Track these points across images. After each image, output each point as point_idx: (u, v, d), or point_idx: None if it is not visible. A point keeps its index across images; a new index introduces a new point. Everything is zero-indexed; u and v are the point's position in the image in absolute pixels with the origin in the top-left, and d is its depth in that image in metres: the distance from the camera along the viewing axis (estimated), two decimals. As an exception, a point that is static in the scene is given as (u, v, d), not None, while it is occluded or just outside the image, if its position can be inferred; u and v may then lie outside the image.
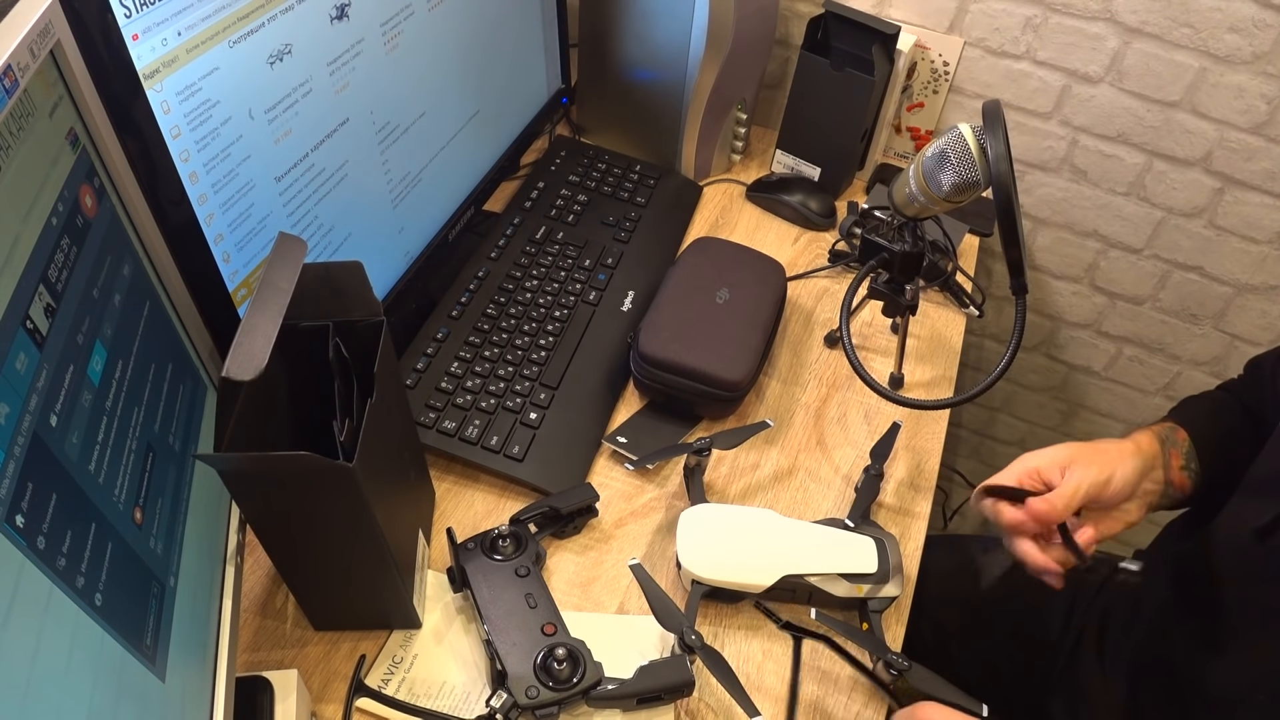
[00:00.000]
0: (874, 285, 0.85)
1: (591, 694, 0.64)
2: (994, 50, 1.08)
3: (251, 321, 0.50)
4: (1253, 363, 0.82)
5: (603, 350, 0.89)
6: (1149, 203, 1.13)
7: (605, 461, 0.83)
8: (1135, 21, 1.00)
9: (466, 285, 0.92)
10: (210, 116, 0.58)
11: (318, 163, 0.70)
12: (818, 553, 0.72)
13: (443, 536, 0.73)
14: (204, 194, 0.59)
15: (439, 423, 0.80)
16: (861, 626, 0.72)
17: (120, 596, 0.44)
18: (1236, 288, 1.16)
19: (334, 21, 0.67)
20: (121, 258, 0.51)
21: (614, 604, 0.73)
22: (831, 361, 0.94)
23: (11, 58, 0.40)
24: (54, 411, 0.41)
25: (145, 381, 0.52)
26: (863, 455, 0.85)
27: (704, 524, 0.73)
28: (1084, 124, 1.09)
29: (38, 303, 0.41)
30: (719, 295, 0.88)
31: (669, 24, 1.01)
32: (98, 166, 0.50)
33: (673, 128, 1.09)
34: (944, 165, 0.72)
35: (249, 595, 0.71)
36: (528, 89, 1.06)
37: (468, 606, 0.71)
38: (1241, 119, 1.02)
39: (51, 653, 0.38)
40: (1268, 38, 0.96)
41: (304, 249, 0.55)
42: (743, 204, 1.12)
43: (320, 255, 0.73)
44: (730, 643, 0.72)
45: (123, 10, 0.50)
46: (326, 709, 0.65)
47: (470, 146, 0.94)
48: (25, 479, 0.38)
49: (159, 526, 0.51)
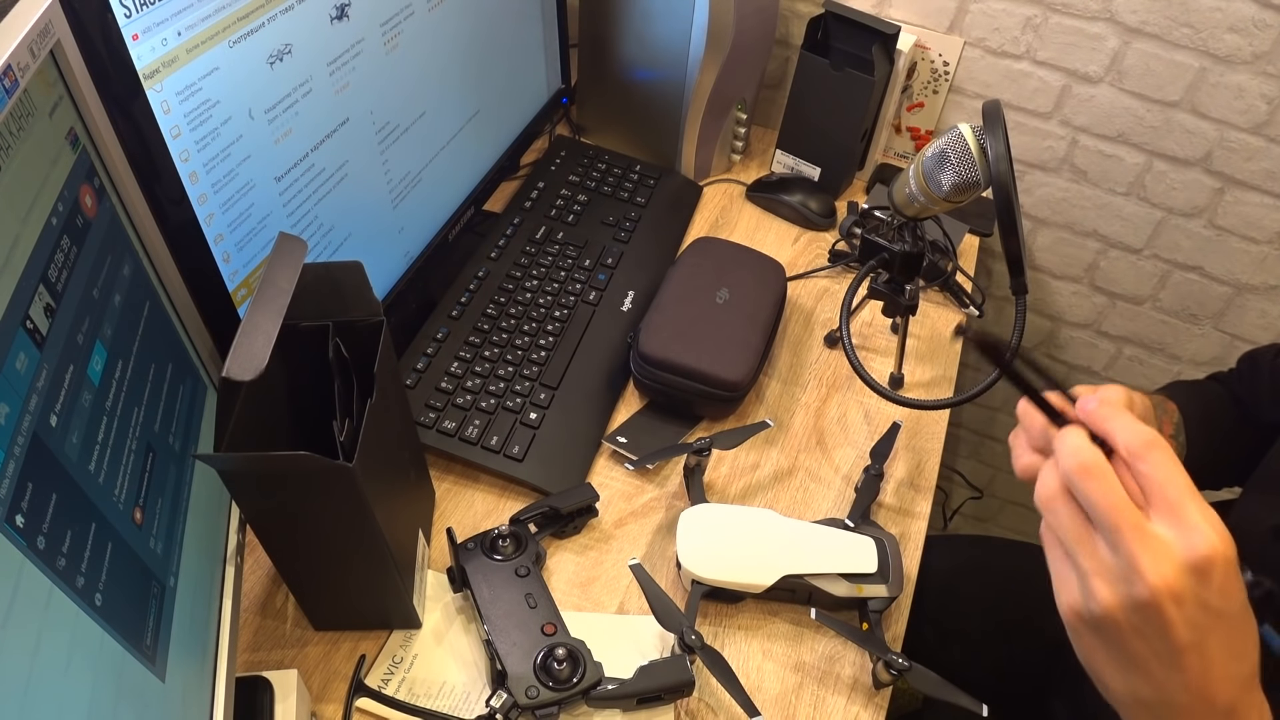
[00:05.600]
0: (874, 285, 0.85)
1: (591, 694, 0.64)
2: (994, 50, 1.08)
3: (251, 321, 0.50)
4: (1247, 356, 0.82)
5: (603, 350, 0.89)
6: (1149, 203, 1.13)
7: (605, 461, 0.83)
8: (1135, 21, 1.00)
9: (466, 285, 0.92)
10: (210, 116, 0.58)
11: (318, 163, 0.70)
12: (818, 553, 0.72)
13: (443, 536, 0.73)
14: (204, 194, 0.59)
15: (439, 423, 0.80)
16: (861, 626, 0.72)
17: (120, 596, 0.44)
18: (1236, 288, 1.16)
19: (334, 21, 0.67)
20: (121, 258, 0.51)
21: (614, 604, 0.73)
22: (831, 361, 0.94)
23: (11, 58, 0.40)
24: (54, 411, 0.41)
25: (145, 381, 0.52)
26: (863, 455, 0.85)
27: (704, 524, 0.73)
28: (1084, 124, 1.09)
29: (38, 303, 0.41)
30: (719, 295, 0.88)
31: (669, 24, 1.01)
32: (98, 166, 0.50)
33: (673, 128, 1.09)
34: (944, 165, 0.72)
35: (249, 595, 0.70)
36: (528, 89, 1.06)
37: (468, 606, 0.71)
38: (1241, 119, 1.02)
39: (51, 653, 0.38)
40: (1268, 38, 0.96)
41: (304, 249, 0.55)
42: (743, 204, 1.12)
43: (320, 255, 0.73)
44: (730, 643, 0.72)
45: (123, 10, 0.50)
46: (326, 709, 0.65)
47: (470, 146, 0.94)
48: (25, 479, 0.38)
49: (159, 526, 0.51)
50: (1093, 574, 0.41)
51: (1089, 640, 0.43)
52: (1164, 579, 0.39)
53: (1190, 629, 0.40)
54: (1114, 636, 0.42)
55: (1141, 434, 0.42)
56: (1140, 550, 0.39)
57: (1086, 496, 0.42)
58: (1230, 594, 0.40)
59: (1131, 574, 0.40)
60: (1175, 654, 0.40)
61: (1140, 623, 0.40)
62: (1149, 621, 0.40)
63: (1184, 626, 0.40)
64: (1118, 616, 0.41)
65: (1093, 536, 0.42)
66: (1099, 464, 0.42)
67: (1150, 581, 0.39)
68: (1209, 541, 0.39)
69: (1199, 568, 0.39)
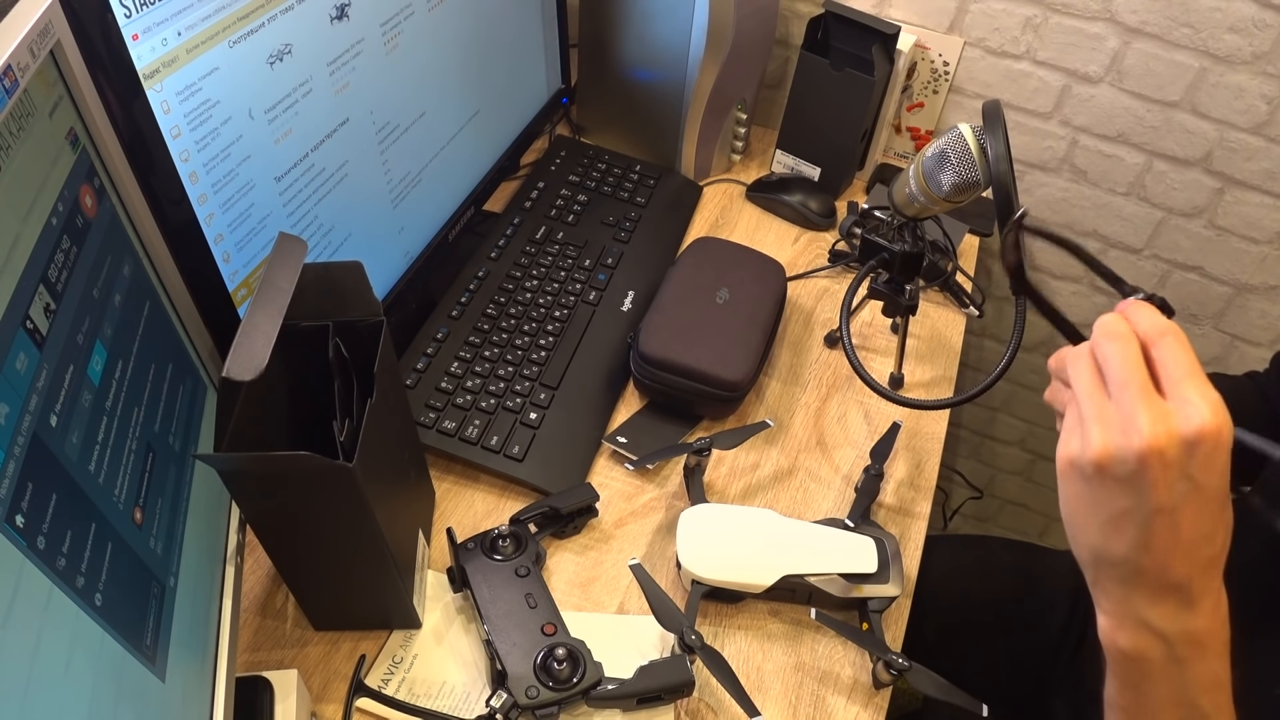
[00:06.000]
0: (874, 285, 0.85)
1: (591, 694, 0.64)
2: (994, 50, 1.08)
3: (251, 321, 0.50)
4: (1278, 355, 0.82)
5: (603, 350, 0.89)
6: (1149, 203, 1.13)
7: (605, 461, 0.83)
8: (1135, 21, 1.00)
9: (466, 285, 0.92)
10: (210, 116, 0.58)
11: (318, 163, 0.70)
12: (818, 553, 0.72)
13: (443, 536, 0.73)
14: (204, 194, 0.59)
15: (439, 423, 0.80)
16: (861, 626, 0.72)
17: (120, 596, 0.44)
18: (1236, 288, 1.16)
19: (334, 21, 0.67)
20: (121, 258, 0.51)
21: (614, 604, 0.73)
22: (831, 361, 0.94)
23: (11, 58, 0.40)
24: (54, 411, 0.41)
25: (145, 381, 0.52)
26: (863, 455, 0.85)
27: (704, 524, 0.73)
28: (1084, 124, 1.09)
29: (38, 303, 0.41)
30: (719, 295, 0.88)
31: (669, 24, 1.01)
32: (98, 166, 0.50)
33: (673, 128, 1.09)
34: (944, 165, 0.72)
35: (249, 595, 0.70)
36: (528, 89, 1.06)
37: (468, 606, 0.71)
38: (1241, 119, 1.02)
39: (51, 653, 0.38)
40: (1268, 38, 0.96)
41: (304, 249, 0.55)
42: (743, 204, 1.12)
43: (320, 255, 0.73)
44: (730, 643, 0.72)
45: (123, 10, 0.50)
46: (326, 709, 0.65)
47: (470, 146, 0.94)
48: (25, 479, 0.38)
49: (159, 526, 0.51)
50: (1094, 420, 0.45)
51: (1075, 488, 0.46)
52: (1156, 439, 0.42)
53: (1168, 492, 0.43)
54: (1099, 487, 0.45)
55: (1160, 323, 0.46)
56: (1142, 408, 0.43)
57: (1105, 356, 0.46)
58: (1213, 470, 0.43)
59: (1129, 427, 0.43)
60: (1149, 514, 0.43)
61: (1125, 476, 0.43)
62: (1133, 477, 0.43)
63: (1164, 488, 0.43)
64: (1107, 464, 0.44)
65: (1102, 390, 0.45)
66: (1126, 332, 0.46)
67: (1145, 436, 0.42)
68: (1203, 417, 0.42)
69: (1189, 440, 0.42)
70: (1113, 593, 0.47)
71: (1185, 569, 0.44)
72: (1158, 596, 0.45)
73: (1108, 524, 0.45)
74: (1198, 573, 0.45)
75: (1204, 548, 0.44)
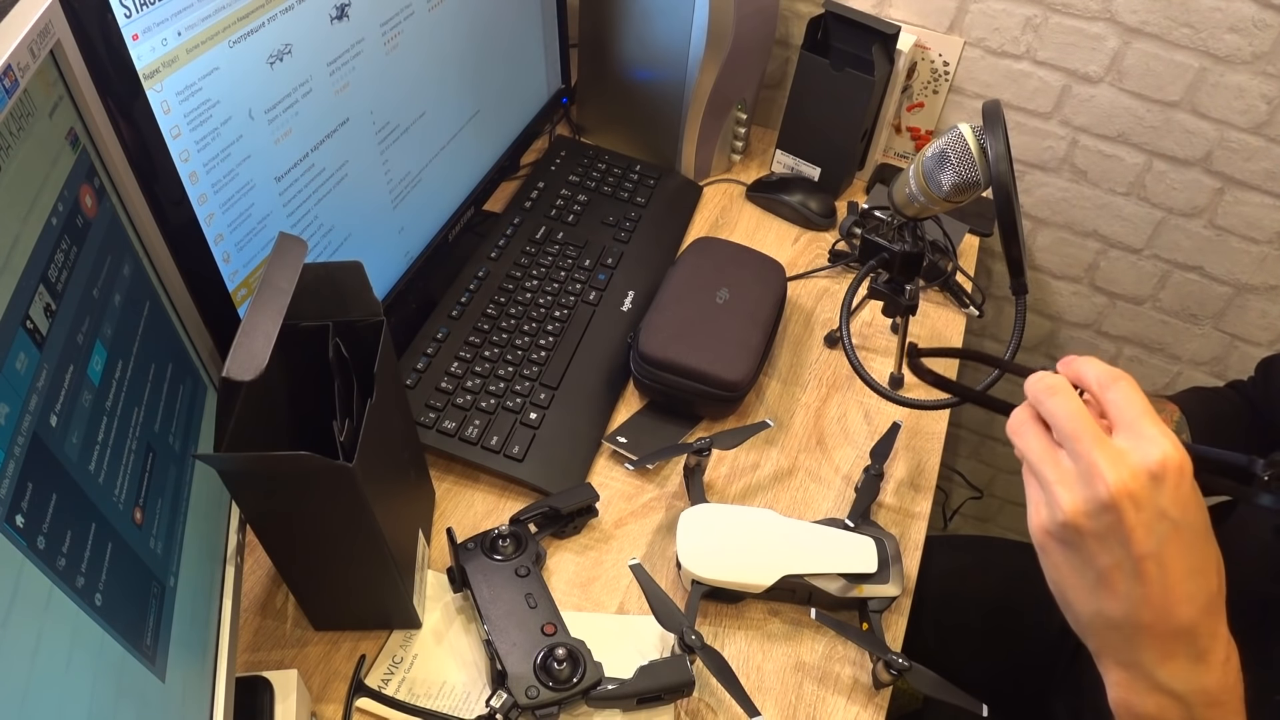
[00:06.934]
0: (874, 285, 0.85)
1: (591, 694, 0.64)
2: (994, 50, 1.08)
3: (251, 321, 0.50)
4: (1264, 363, 0.82)
5: (603, 350, 0.89)
6: (1149, 203, 1.13)
7: (605, 461, 0.83)
8: (1135, 21, 1.00)
9: (466, 285, 0.92)
10: (210, 116, 0.58)
11: (318, 163, 0.70)
12: (818, 553, 0.72)
13: (443, 536, 0.73)
14: (204, 194, 0.59)
15: (439, 423, 0.80)
16: (861, 626, 0.72)
17: (120, 596, 0.44)
18: (1236, 288, 1.16)
19: (334, 21, 0.67)
20: (121, 258, 0.51)
21: (614, 604, 0.73)
22: (831, 361, 0.94)
23: (11, 58, 0.40)
24: (54, 411, 0.41)
25: (145, 381, 0.52)
26: (863, 455, 0.85)
27: (704, 524, 0.73)
28: (1084, 124, 1.09)
29: (38, 303, 0.41)
30: (719, 295, 0.88)
31: (669, 24, 1.01)
32: (98, 166, 0.50)
33: (673, 128, 1.09)
34: (944, 165, 0.72)
35: (249, 595, 0.70)
36: (528, 89, 1.06)
37: (468, 606, 0.71)
38: (1241, 119, 1.02)
39: (51, 653, 0.38)
40: (1268, 38, 0.96)
41: (304, 249, 0.55)
42: (743, 204, 1.12)
43: (320, 255, 0.73)
44: (730, 643, 0.72)
45: (123, 10, 0.50)
46: (326, 709, 0.65)
47: (470, 146, 0.94)
48: (25, 479, 0.38)
49: (159, 526, 0.51)
50: (1056, 483, 0.44)
51: (1057, 557, 0.45)
52: (1121, 480, 0.41)
53: (1148, 535, 0.42)
54: (1079, 548, 0.44)
55: (1110, 371, 0.45)
56: (1099, 455, 0.42)
57: (1050, 413, 0.45)
58: (1186, 504, 0.42)
59: (1091, 476, 0.42)
60: (1135, 562, 0.42)
61: (1102, 529, 0.42)
62: (1110, 527, 0.42)
63: (1142, 531, 0.42)
64: (1080, 522, 0.43)
65: (1056, 451, 0.45)
66: (1061, 383, 0.45)
67: (1109, 481, 0.41)
68: (1163, 449, 0.42)
69: (1154, 473, 0.41)
70: (1120, 658, 0.45)
71: (1187, 612, 0.43)
72: (1166, 650, 0.44)
73: (1098, 585, 0.44)
74: (1201, 616, 0.43)
75: (1200, 585, 0.43)
